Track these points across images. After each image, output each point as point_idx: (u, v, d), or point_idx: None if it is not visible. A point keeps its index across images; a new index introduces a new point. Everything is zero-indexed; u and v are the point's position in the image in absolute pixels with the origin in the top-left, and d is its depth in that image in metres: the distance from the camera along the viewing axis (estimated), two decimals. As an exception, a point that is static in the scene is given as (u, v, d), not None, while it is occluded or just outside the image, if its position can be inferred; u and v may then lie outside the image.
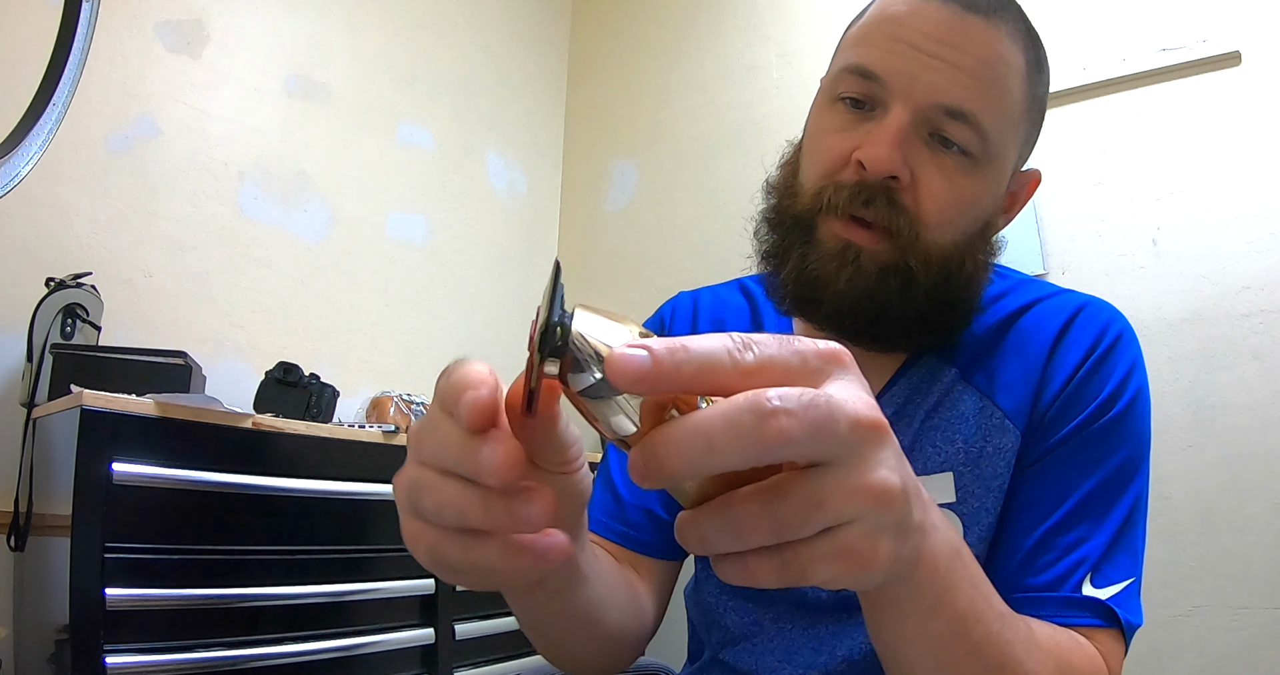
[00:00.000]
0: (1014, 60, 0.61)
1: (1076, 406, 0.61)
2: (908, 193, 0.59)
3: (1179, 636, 1.48)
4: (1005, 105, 0.60)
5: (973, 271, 0.63)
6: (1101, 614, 0.55)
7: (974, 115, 0.58)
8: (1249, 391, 1.53)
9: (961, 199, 0.60)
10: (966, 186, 0.60)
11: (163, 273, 1.71)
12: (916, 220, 0.59)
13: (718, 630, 0.72)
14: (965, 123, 0.59)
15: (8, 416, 1.40)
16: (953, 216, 0.60)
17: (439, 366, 1.40)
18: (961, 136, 0.59)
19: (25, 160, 1.21)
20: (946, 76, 0.58)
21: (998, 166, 0.62)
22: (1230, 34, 1.65)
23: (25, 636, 1.30)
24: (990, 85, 0.59)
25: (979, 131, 0.59)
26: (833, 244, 0.60)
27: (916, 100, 0.58)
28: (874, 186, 0.59)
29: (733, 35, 2.43)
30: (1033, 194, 0.70)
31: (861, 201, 0.59)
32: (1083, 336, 0.64)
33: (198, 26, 1.82)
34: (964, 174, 0.60)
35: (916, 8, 0.60)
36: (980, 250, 0.64)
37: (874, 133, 0.59)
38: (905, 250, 0.59)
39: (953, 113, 0.58)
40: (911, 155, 0.59)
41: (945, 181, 0.59)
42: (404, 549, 0.34)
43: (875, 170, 0.58)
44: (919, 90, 0.58)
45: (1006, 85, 0.60)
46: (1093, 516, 0.58)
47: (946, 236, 0.61)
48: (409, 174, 2.25)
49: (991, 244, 0.66)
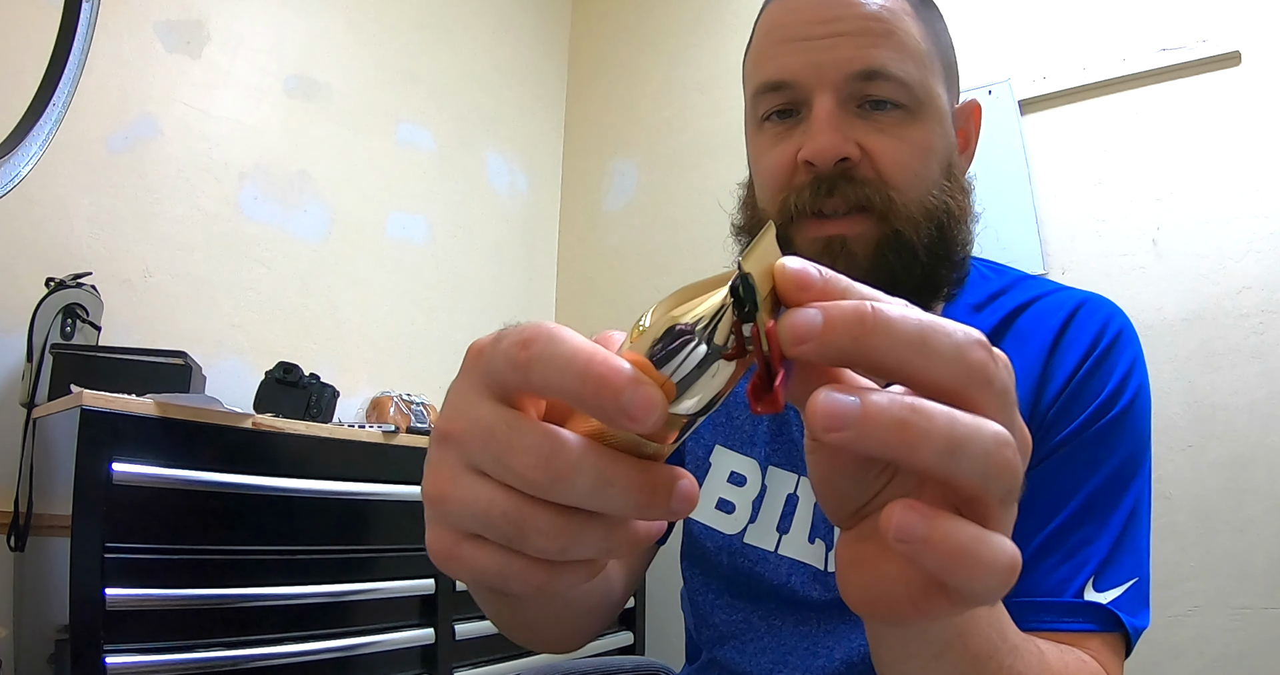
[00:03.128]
0: (894, 5, 0.62)
1: (1078, 406, 0.61)
2: (864, 166, 0.60)
3: (1179, 636, 1.48)
4: (909, 48, 0.62)
5: (958, 213, 0.64)
6: (1104, 619, 0.54)
7: (886, 68, 0.60)
8: (1249, 391, 1.53)
9: (916, 149, 0.61)
10: (915, 135, 0.61)
11: (163, 273, 1.71)
12: (884, 186, 0.60)
13: (707, 628, 0.72)
14: (883, 79, 0.60)
15: (8, 416, 1.40)
16: (916, 168, 0.61)
17: (439, 366, 1.42)
18: (886, 92, 0.60)
19: (25, 160, 1.21)
20: (845, 48, 0.60)
21: (934, 107, 0.63)
22: (1230, 34, 1.65)
23: (25, 636, 1.30)
24: (886, 37, 0.60)
25: (898, 81, 0.60)
26: (814, 246, 0.61)
27: (831, 81, 0.60)
28: (831, 176, 0.60)
29: (733, 35, 2.43)
30: (980, 122, 0.71)
31: (825, 193, 0.60)
32: (1082, 335, 0.64)
33: (198, 26, 1.82)
34: (907, 125, 0.61)
35: (788, 5, 0.63)
36: (953, 192, 0.64)
37: (809, 127, 0.61)
38: (886, 218, 0.60)
39: (867, 75, 0.60)
40: (852, 131, 0.60)
41: (894, 139, 0.60)
42: (404, 549, 0.31)
43: (824, 160, 0.59)
44: (828, 72, 0.60)
45: (901, 29, 0.61)
46: (1095, 518, 0.58)
47: (917, 190, 0.61)
48: (409, 174, 2.25)
49: (963, 183, 0.67)
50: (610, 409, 0.22)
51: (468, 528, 0.26)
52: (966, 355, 0.24)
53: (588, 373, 0.22)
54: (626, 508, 0.24)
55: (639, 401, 0.22)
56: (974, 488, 0.24)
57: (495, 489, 0.25)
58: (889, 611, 0.27)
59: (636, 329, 0.24)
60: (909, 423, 0.22)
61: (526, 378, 0.24)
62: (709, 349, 0.23)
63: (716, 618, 0.71)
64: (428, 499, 0.27)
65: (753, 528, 0.68)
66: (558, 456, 0.23)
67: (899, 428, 0.22)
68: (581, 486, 0.24)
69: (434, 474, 0.26)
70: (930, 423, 0.23)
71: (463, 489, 0.25)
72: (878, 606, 0.27)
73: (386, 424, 1.58)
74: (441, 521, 0.27)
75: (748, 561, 0.67)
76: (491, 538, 0.26)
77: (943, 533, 0.23)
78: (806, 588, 0.65)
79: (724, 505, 0.70)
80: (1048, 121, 1.84)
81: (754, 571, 0.67)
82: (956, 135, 0.67)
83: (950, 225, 0.63)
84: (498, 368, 0.25)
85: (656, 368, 0.23)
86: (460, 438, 0.26)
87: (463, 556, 0.26)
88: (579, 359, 0.23)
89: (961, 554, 0.23)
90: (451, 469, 0.26)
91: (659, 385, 0.23)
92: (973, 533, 0.23)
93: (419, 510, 0.28)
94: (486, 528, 0.25)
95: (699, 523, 0.71)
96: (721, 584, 0.71)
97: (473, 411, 0.25)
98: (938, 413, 0.23)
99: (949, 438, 0.23)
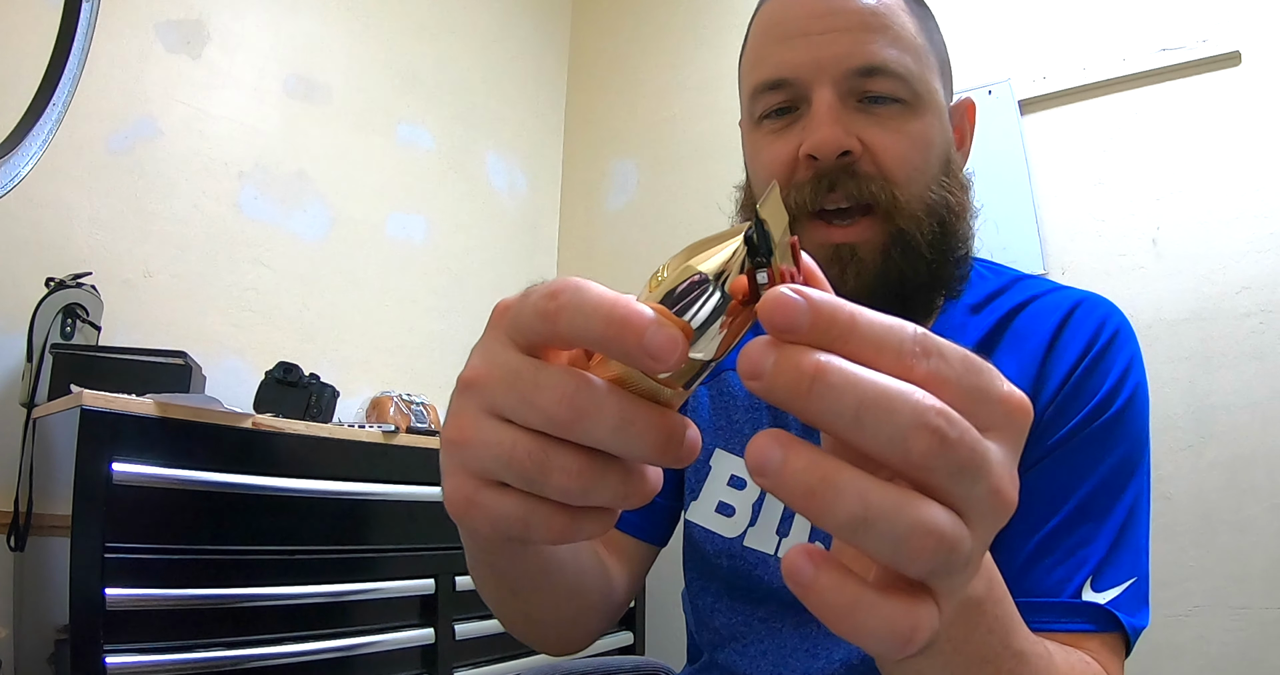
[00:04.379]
0: (890, 0, 0.62)
1: (1075, 406, 0.61)
2: (865, 160, 0.60)
3: (1179, 636, 1.48)
4: (906, 42, 0.62)
5: (959, 208, 0.64)
6: (1102, 620, 0.54)
7: (885, 64, 0.60)
8: (1249, 391, 1.53)
9: (916, 143, 0.61)
10: (915, 130, 0.61)
11: (163, 273, 1.71)
12: (887, 182, 0.60)
13: (708, 631, 0.72)
14: (883, 74, 0.60)
15: (8, 416, 1.40)
16: (916, 163, 0.61)
17: (439, 366, 1.42)
18: (886, 87, 0.60)
19: (25, 160, 1.21)
20: (843, 43, 0.60)
21: (933, 102, 0.63)
22: (1230, 34, 1.65)
23: (25, 636, 1.30)
24: (883, 32, 0.60)
25: (897, 76, 0.60)
26: (822, 253, 0.60)
27: (830, 77, 0.60)
28: (833, 170, 0.59)
29: (733, 35, 2.43)
30: (974, 120, 0.71)
31: (826, 188, 0.59)
32: (1079, 334, 0.63)
33: (198, 26, 1.82)
34: (907, 120, 0.61)
35: (784, 3, 0.63)
36: (952, 188, 0.64)
37: (809, 122, 0.60)
38: (890, 216, 0.60)
39: (866, 71, 0.60)
40: (852, 126, 0.60)
41: (894, 134, 0.60)
42: (404, 549, 0.31)
43: (826, 154, 0.59)
44: (827, 68, 0.60)
45: (897, 24, 0.62)
46: (1094, 517, 0.57)
47: (918, 185, 0.61)
48: (409, 174, 2.25)
49: (962, 179, 0.67)
50: (634, 350, 0.23)
51: (489, 472, 0.26)
52: (907, 442, 0.22)
53: (612, 316, 0.24)
54: (644, 449, 0.25)
55: (661, 341, 0.23)
56: (889, 563, 0.24)
57: (518, 431, 0.26)
58: None
59: (655, 280, 0.26)
60: (815, 493, 0.22)
61: (555, 327, 0.25)
62: (724, 296, 0.24)
63: (717, 621, 0.71)
64: (448, 444, 0.27)
65: (752, 531, 0.68)
66: (582, 394, 0.24)
67: (806, 494, 0.23)
68: (604, 424, 0.24)
69: (456, 419, 0.27)
70: (836, 499, 0.22)
71: (485, 431, 0.26)
72: None
73: (386, 424, 1.58)
74: (461, 468, 0.27)
75: (748, 565, 0.67)
76: (513, 482, 0.26)
77: (821, 585, 0.23)
78: None
79: (724, 508, 0.69)
80: (1048, 121, 1.84)
81: (754, 575, 0.67)
82: (953, 132, 0.67)
83: (951, 221, 0.63)
84: (525, 320, 0.26)
85: (676, 315, 0.24)
86: (484, 382, 0.26)
87: (483, 503, 0.27)
88: (604, 305, 0.24)
89: (840, 611, 0.23)
90: (474, 413, 0.27)
91: (681, 331, 0.24)
92: (851, 595, 0.23)
93: (419, 510, 0.28)
94: (508, 470, 0.26)
95: (699, 526, 0.70)
96: (722, 587, 0.71)
97: (499, 359, 0.26)
98: (848, 489, 0.22)
99: (853, 515, 0.22)
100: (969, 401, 0.24)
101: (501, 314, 0.27)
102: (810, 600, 0.23)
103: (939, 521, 0.23)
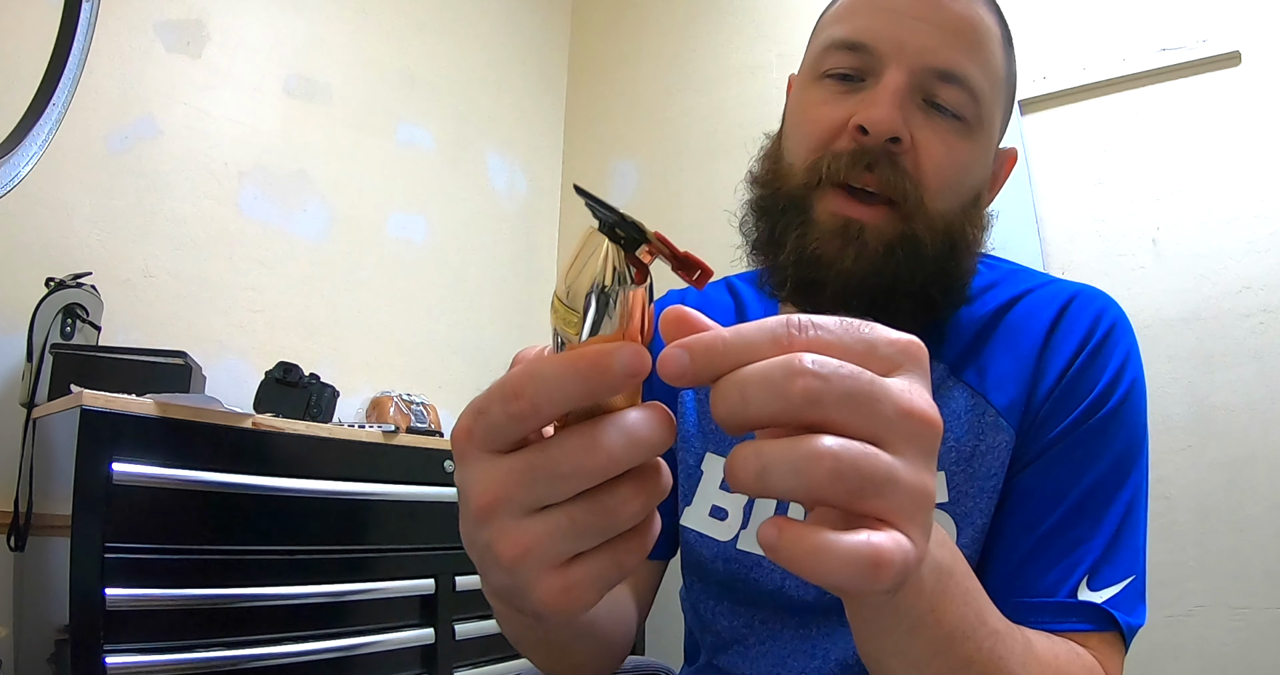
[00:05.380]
0: (992, 25, 0.61)
1: (1071, 401, 0.60)
2: (908, 157, 0.58)
3: (1179, 636, 1.48)
4: (990, 68, 0.61)
5: (972, 242, 0.63)
6: (1099, 619, 0.54)
7: (965, 77, 0.59)
8: (1249, 391, 1.53)
9: (959, 163, 0.60)
10: (963, 151, 0.60)
11: (163, 273, 1.71)
12: (919, 185, 0.58)
13: (710, 634, 0.72)
14: (957, 85, 0.59)
15: (8, 416, 1.40)
16: (951, 182, 0.60)
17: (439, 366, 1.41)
18: (954, 99, 0.59)
19: (25, 160, 1.21)
20: (935, 39, 0.58)
21: (987, 132, 0.62)
22: (1230, 34, 1.65)
23: (25, 636, 1.30)
24: (976, 47, 0.60)
25: (970, 93, 0.59)
26: (832, 222, 0.59)
27: (910, 63, 0.58)
28: (876, 151, 0.57)
29: (733, 35, 2.43)
30: (1010, 173, 0.70)
31: (864, 166, 0.57)
32: (1075, 328, 0.62)
33: (198, 26, 1.82)
34: (959, 138, 0.60)
35: None
36: (975, 222, 0.63)
37: (872, 96, 0.59)
38: (909, 218, 0.58)
39: (944, 75, 0.59)
40: (909, 119, 0.58)
41: (943, 145, 0.59)
42: (404, 549, 0.32)
43: (878, 132, 0.57)
44: (910, 54, 0.58)
45: (989, 48, 0.61)
46: (1090, 515, 0.57)
47: (947, 203, 0.60)
48: (409, 174, 2.25)
49: (984, 218, 0.66)
50: (617, 384, 0.26)
51: (564, 554, 0.27)
52: (786, 391, 0.25)
53: (582, 373, 0.25)
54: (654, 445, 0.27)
55: (629, 363, 0.25)
56: (807, 499, 0.26)
57: (560, 508, 0.27)
58: None
59: (562, 320, 0.27)
60: (729, 469, 0.26)
61: (538, 415, 0.26)
62: (625, 286, 0.27)
63: (719, 624, 0.70)
64: (513, 563, 0.27)
65: (745, 534, 0.67)
66: (596, 441, 0.26)
67: (728, 475, 0.26)
68: (622, 453, 0.26)
69: (503, 543, 0.27)
70: (739, 464, 0.26)
71: (535, 528, 0.27)
72: None
73: (386, 424, 1.58)
74: (539, 571, 0.27)
75: (743, 567, 0.67)
76: (589, 544, 0.27)
77: (786, 539, 0.25)
78: (801, 590, 0.64)
79: (717, 512, 0.69)
80: (1048, 121, 1.84)
81: (749, 577, 0.67)
82: (989, 173, 0.67)
83: (961, 248, 0.61)
84: (502, 429, 0.27)
85: (602, 328, 0.27)
86: (502, 499, 0.27)
87: (578, 581, 0.27)
88: (567, 370, 0.26)
89: (806, 557, 0.25)
90: (514, 525, 0.27)
91: (624, 340, 0.27)
92: (811, 540, 0.25)
93: (419, 510, 0.29)
94: (581, 539, 0.27)
95: (694, 531, 0.70)
96: (720, 591, 0.70)
97: (496, 472, 0.27)
98: (745, 452, 0.26)
99: (756, 469, 0.26)
100: (858, 353, 0.27)
101: (465, 440, 0.28)
102: (780, 557, 0.25)
103: (826, 444, 0.25)
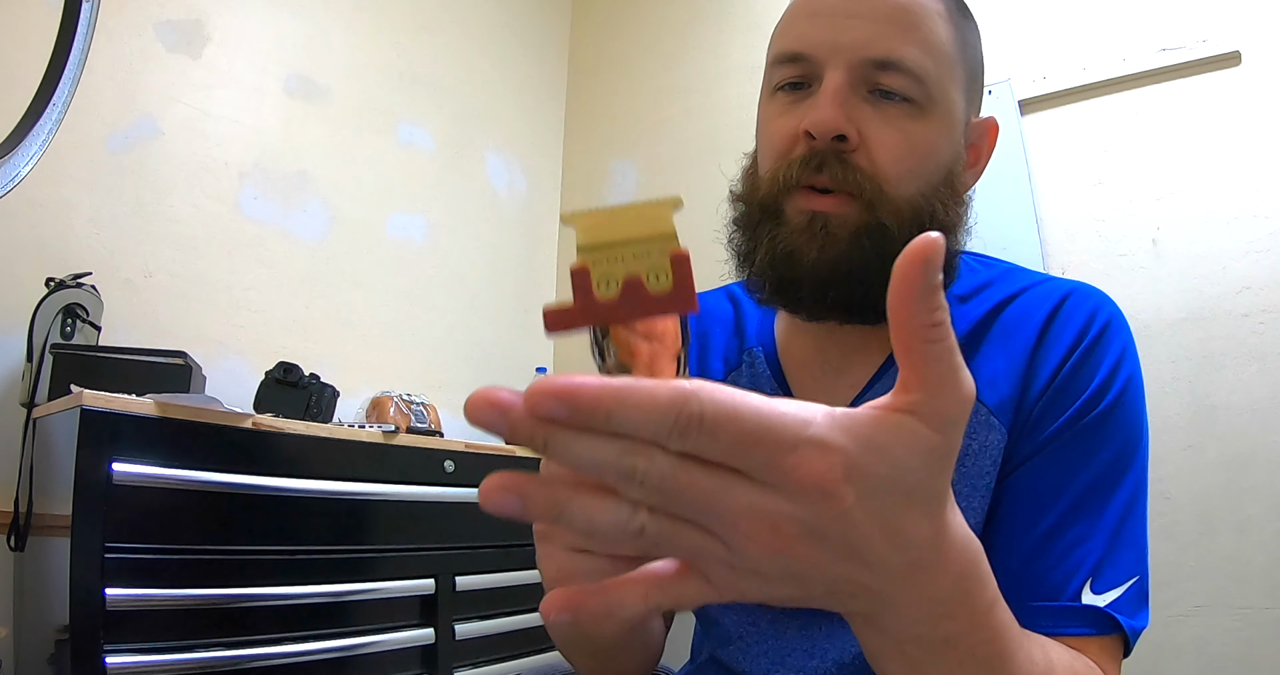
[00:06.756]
0: (930, 3, 0.62)
1: (1065, 400, 0.59)
2: (860, 153, 0.59)
3: (1179, 636, 1.48)
4: (933, 46, 0.61)
5: (947, 221, 0.62)
6: (1102, 623, 0.53)
7: (902, 61, 0.59)
8: (1249, 391, 1.53)
9: (916, 146, 0.60)
10: (917, 132, 0.60)
11: (163, 273, 1.71)
12: (875, 177, 0.59)
13: (716, 629, 0.72)
14: (897, 70, 0.59)
15: (8, 416, 1.40)
16: (911, 165, 0.60)
17: (439, 367, 1.41)
18: (897, 84, 0.60)
19: (25, 160, 1.21)
20: (867, 31, 0.59)
21: (944, 109, 0.62)
22: (1230, 34, 1.65)
23: (25, 636, 1.30)
24: (911, 28, 0.60)
25: (912, 75, 0.60)
26: (800, 219, 0.60)
27: (845, 61, 0.60)
28: (824, 151, 0.59)
29: (733, 35, 2.43)
30: (994, 143, 0.69)
31: (814, 168, 0.59)
32: (1069, 326, 0.62)
33: (198, 26, 1.82)
34: (911, 120, 0.60)
35: None
36: (949, 203, 0.63)
37: (814, 100, 0.60)
38: (872, 207, 0.59)
39: (882, 64, 0.59)
40: (855, 115, 0.59)
41: (895, 131, 0.60)
42: (404, 549, 0.33)
43: (822, 133, 0.58)
44: (845, 51, 0.60)
45: (928, 27, 0.61)
46: (1089, 515, 0.56)
47: (910, 187, 0.60)
48: (409, 174, 2.25)
49: (962, 198, 0.65)
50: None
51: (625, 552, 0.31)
52: (628, 529, 0.27)
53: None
54: None
55: None
56: None
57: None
58: None
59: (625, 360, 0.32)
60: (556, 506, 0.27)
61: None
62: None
63: (725, 619, 0.70)
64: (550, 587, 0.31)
65: None
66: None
67: None
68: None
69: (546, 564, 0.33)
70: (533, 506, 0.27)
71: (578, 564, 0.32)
72: None
73: (386, 424, 1.58)
74: (625, 601, 0.28)
75: None
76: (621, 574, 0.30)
77: None
78: None
79: None
80: (1048, 121, 1.84)
81: None
82: (968, 150, 0.66)
83: (934, 229, 0.61)
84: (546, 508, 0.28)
85: None
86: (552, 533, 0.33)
87: (683, 591, 0.29)
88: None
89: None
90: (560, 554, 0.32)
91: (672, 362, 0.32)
92: None
93: (419, 510, 0.30)
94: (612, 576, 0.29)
95: None
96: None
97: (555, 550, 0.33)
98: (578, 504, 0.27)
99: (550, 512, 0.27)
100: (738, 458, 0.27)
101: (550, 509, 0.27)
102: None
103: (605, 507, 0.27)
